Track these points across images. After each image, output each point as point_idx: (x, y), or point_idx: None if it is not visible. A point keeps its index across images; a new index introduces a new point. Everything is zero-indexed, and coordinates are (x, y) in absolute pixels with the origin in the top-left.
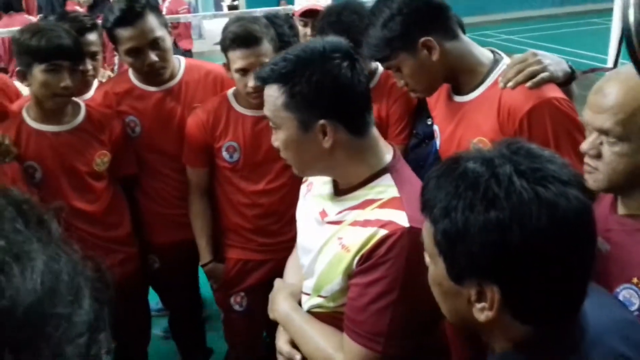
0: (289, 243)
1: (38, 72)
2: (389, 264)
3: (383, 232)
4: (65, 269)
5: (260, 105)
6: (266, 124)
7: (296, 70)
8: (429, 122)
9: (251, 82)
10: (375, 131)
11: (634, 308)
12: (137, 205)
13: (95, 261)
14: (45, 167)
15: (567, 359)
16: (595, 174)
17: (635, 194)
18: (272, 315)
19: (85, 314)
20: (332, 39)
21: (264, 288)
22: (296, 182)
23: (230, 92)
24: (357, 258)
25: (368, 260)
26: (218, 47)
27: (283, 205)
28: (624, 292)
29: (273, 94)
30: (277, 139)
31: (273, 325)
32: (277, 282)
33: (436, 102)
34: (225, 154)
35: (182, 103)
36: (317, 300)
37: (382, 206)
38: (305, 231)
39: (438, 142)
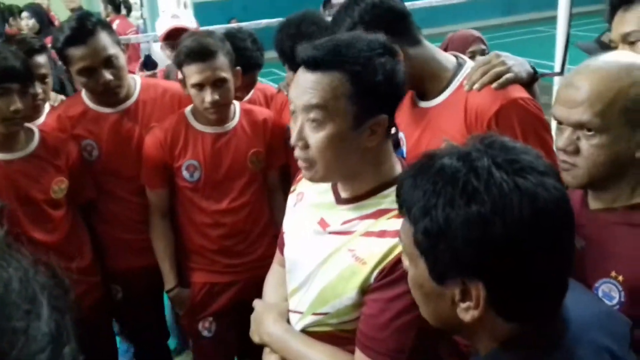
0: (256, 263)
1: None
2: None
3: None
4: (16, 276)
5: (219, 122)
6: (226, 140)
7: (365, 61)
8: (393, 131)
9: (208, 97)
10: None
11: (614, 302)
12: (96, 232)
13: (49, 266)
14: None
15: (552, 355)
16: (573, 170)
17: (610, 187)
18: (257, 339)
19: (44, 325)
20: (377, 35)
21: (233, 311)
22: (260, 200)
23: (188, 109)
24: (376, 271)
25: (391, 273)
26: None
27: (248, 224)
28: (603, 287)
29: (331, 82)
30: (313, 135)
31: (245, 350)
32: (258, 303)
33: (399, 110)
34: (185, 173)
35: (140, 123)
36: (314, 319)
37: (399, 216)
38: (298, 243)
39: (404, 149)
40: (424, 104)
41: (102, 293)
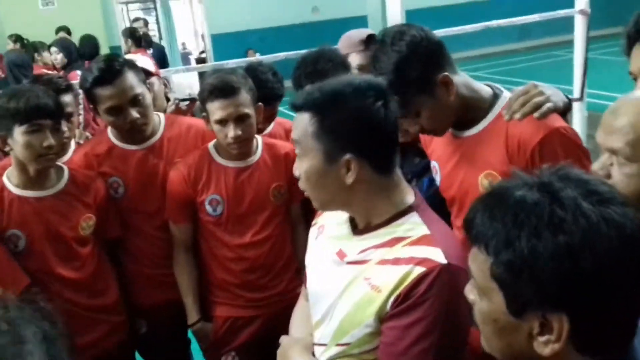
0: (279, 297)
1: (19, 134)
2: (429, 302)
3: (420, 269)
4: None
5: (241, 156)
6: (249, 174)
7: (330, 102)
8: (417, 161)
9: (231, 133)
10: (398, 171)
11: None
12: (121, 268)
13: (33, 300)
14: (29, 234)
15: None
16: None
17: None
18: None
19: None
20: (370, 77)
21: (256, 345)
22: (282, 234)
23: (211, 144)
24: (391, 299)
25: (406, 300)
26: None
27: (270, 258)
28: None
29: (303, 121)
30: (300, 168)
31: None
32: (284, 338)
33: (431, 139)
34: (208, 208)
35: (165, 159)
36: (337, 350)
37: (413, 243)
38: (319, 275)
39: (438, 178)
40: (460, 134)
41: (127, 333)
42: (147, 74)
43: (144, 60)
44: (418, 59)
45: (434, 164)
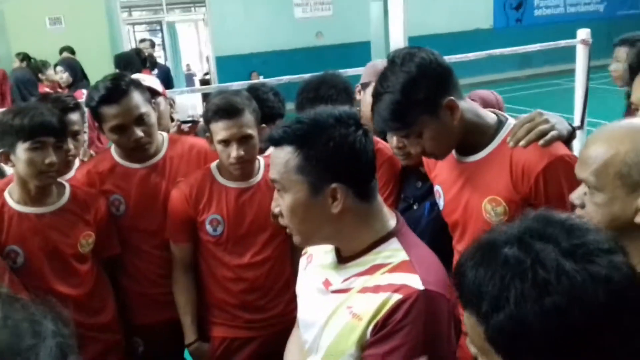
0: (276, 319)
1: (22, 150)
2: (406, 329)
3: (397, 296)
4: (22, 311)
5: (243, 177)
6: (250, 195)
7: (313, 133)
8: (419, 185)
9: (234, 153)
10: (379, 197)
11: None
12: (119, 286)
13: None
14: (28, 250)
15: None
16: None
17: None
18: None
19: (50, 343)
20: (344, 108)
21: None
22: (282, 255)
23: (213, 165)
24: (370, 326)
25: (384, 327)
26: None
27: (269, 280)
28: None
29: (285, 157)
30: (282, 204)
31: None
32: None
33: (435, 163)
34: (209, 228)
35: (167, 178)
36: None
37: (392, 270)
38: (307, 305)
39: (441, 202)
40: (464, 159)
41: (122, 351)
42: (154, 93)
43: (152, 80)
44: (426, 80)
45: (437, 188)
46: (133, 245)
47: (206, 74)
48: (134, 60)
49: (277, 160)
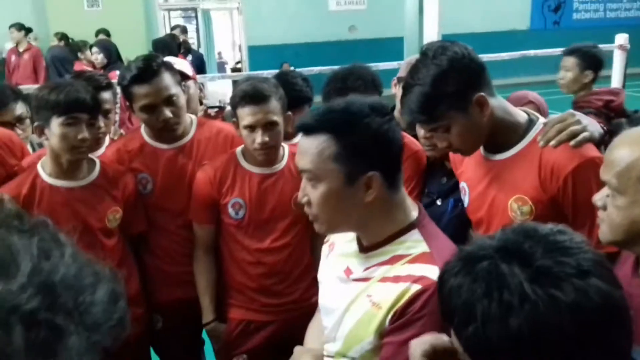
0: (294, 304)
1: (56, 125)
2: (424, 320)
3: (417, 287)
4: (86, 258)
5: (267, 163)
6: (273, 181)
7: (350, 121)
8: (444, 181)
9: (259, 139)
10: (403, 188)
11: None
12: (142, 263)
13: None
14: (57, 223)
15: None
16: (601, 226)
17: None
18: None
19: (105, 286)
20: (373, 98)
21: (267, 351)
22: (302, 242)
23: (238, 149)
24: (389, 315)
25: (402, 317)
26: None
27: (288, 265)
28: None
29: (319, 145)
30: (312, 194)
31: None
32: (297, 348)
33: (462, 160)
34: (231, 211)
35: (194, 160)
36: None
37: (412, 261)
38: (329, 292)
39: (466, 199)
40: (492, 156)
41: (145, 324)
42: (185, 77)
43: (183, 63)
44: (457, 74)
45: (463, 184)
46: (158, 224)
47: (238, 62)
48: (171, 46)
49: (310, 149)
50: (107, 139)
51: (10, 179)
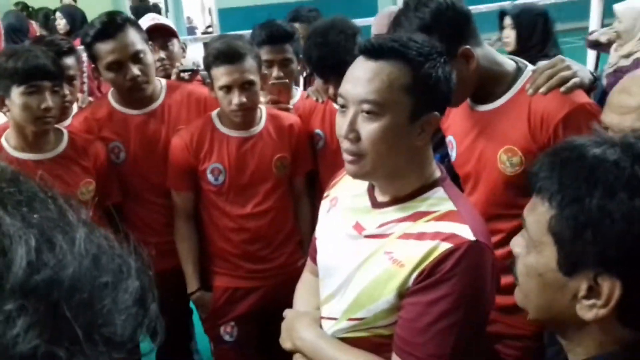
0: (279, 269)
1: (17, 95)
2: (454, 279)
3: (446, 245)
4: (105, 241)
5: (245, 125)
6: (251, 144)
7: (428, 54)
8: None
9: (236, 99)
10: None
11: None
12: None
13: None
14: None
15: None
16: None
17: None
18: (288, 345)
19: (132, 283)
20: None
21: (255, 317)
22: (284, 207)
23: (214, 113)
24: (414, 274)
25: (430, 276)
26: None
27: (271, 230)
28: None
29: (391, 72)
30: (366, 127)
31: (266, 356)
32: (289, 312)
33: (448, 113)
34: (210, 177)
35: (166, 125)
36: (349, 324)
37: (439, 219)
38: (333, 249)
39: (454, 153)
40: (480, 108)
41: None
42: (171, 34)
43: (168, 21)
44: (440, 28)
45: (450, 139)
46: (135, 194)
47: (208, 27)
48: (151, 11)
49: (382, 77)
50: (74, 108)
51: None
